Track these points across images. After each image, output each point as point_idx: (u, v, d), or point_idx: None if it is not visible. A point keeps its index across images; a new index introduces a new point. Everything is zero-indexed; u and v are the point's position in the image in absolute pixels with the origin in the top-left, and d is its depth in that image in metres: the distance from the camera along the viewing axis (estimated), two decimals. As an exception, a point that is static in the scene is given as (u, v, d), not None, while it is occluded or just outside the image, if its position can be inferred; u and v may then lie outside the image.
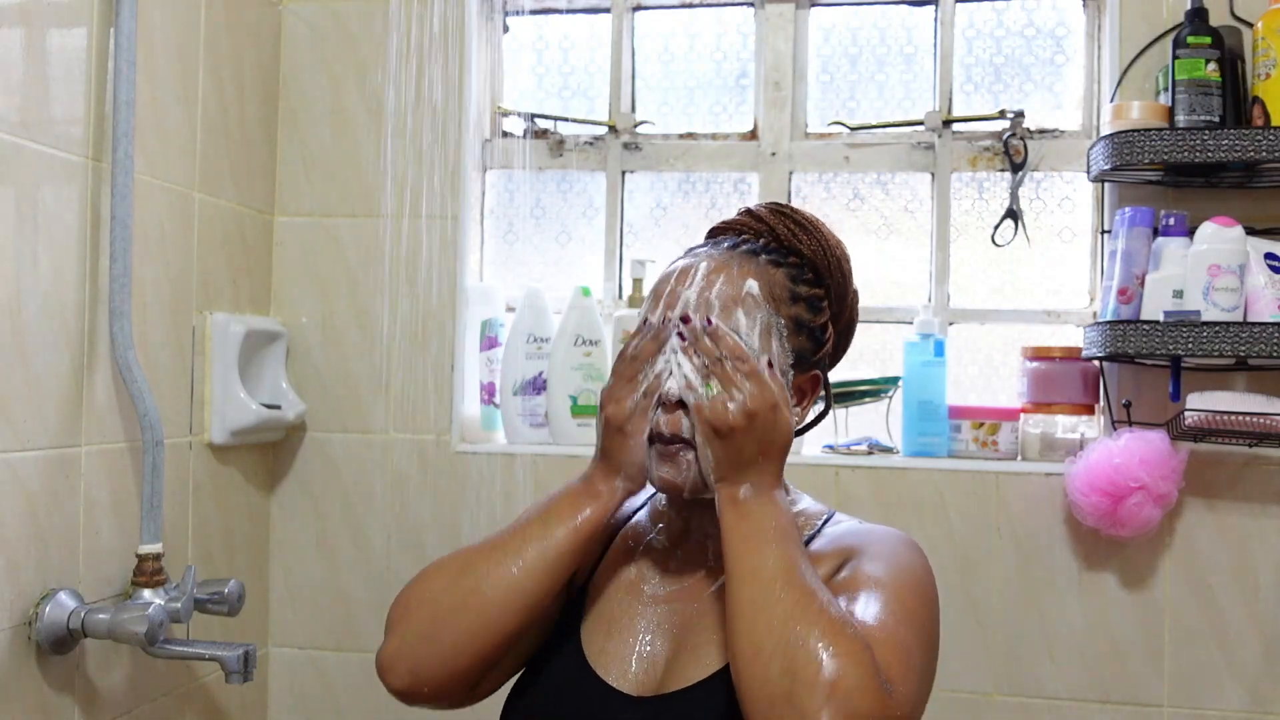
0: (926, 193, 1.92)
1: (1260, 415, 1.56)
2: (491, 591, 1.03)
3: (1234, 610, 1.69)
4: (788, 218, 1.12)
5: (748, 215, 1.14)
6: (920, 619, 0.98)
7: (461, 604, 1.03)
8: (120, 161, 1.43)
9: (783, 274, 1.08)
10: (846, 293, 1.14)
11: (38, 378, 1.35)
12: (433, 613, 1.04)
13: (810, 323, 1.08)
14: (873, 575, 0.99)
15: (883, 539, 1.06)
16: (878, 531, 1.08)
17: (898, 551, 1.04)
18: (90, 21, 1.42)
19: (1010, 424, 1.77)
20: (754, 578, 0.93)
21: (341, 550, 1.91)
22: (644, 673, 1.04)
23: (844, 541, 1.06)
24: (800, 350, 1.08)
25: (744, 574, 0.94)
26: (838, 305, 1.13)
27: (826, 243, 1.11)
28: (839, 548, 1.05)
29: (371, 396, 1.91)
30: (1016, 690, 1.73)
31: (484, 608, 1.02)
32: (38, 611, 1.35)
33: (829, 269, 1.11)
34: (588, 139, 1.99)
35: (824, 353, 1.11)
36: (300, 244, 1.93)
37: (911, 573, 1.02)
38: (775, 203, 1.15)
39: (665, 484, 1.05)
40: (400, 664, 1.05)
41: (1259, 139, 1.54)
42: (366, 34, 1.92)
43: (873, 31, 1.95)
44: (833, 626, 0.89)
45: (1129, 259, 1.64)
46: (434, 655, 1.04)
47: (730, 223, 1.15)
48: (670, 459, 1.04)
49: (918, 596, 1.00)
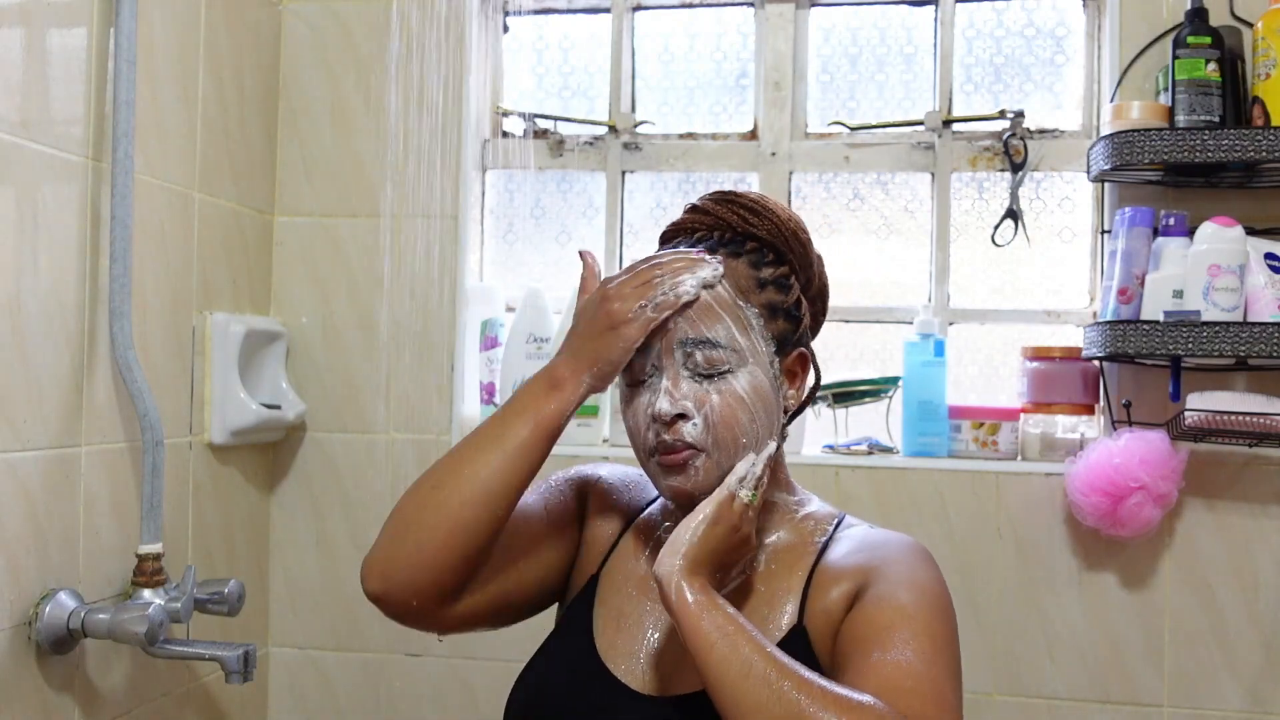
0: (926, 193, 1.92)
1: (1260, 415, 1.56)
2: (452, 486, 1.03)
3: (1234, 610, 1.69)
4: (735, 204, 1.11)
5: (695, 212, 1.13)
6: (949, 651, 0.97)
7: (424, 502, 1.04)
8: (120, 161, 1.43)
9: (744, 264, 1.07)
10: (810, 261, 1.13)
11: (38, 378, 1.35)
12: (401, 517, 1.05)
13: (783, 304, 1.08)
14: (897, 607, 0.97)
15: (899, 555, 1.04)
16: (892, 544, 1.06)
17: (916, 571, 1.02)
18: (90, 21, 1.42)
19: (1010, 424, 1.77)
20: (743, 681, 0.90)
21: (341, 550, 1.91)
22: (651, 670, 1.04)
23: (860, 559, 1.04)
24: (781, 334, 1.07)
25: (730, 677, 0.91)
26: (804, 276, 1.12)
27: (779, 218, 1.10)
28: (856, 566, 1.03)
29: (371, 396, 1.91)
30: (1016, 690, 1.73)
31: (446, 503, 1.03)
32: (38, 611, 1.35)
33: (788, 244, 1.10)
34: (588, 139, 1.99)
35: (804, 328, 1.11)
36: (300, 244, 1.93)
37: (934, 596, 1.00)
38: (719, 191, 1.14)
39: (677, 493, 1.05)
40: (373, 567, 1.05)
41: (1259, 139, 1.54)
42: (366, 34, 1.92)
43: (873, 31, 1.95)
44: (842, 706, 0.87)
45: (1129, 259, 1.64)
46: (401, 554, 1.04)
47: (679, 223, 1.15)
48: (679, 469, 1.03)
49: (942, 622, 0.98)
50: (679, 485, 1.04)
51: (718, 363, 1.03)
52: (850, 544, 1.07)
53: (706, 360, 1.03)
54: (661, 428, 1.03)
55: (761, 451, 1.04)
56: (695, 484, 1.03)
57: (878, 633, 0.95)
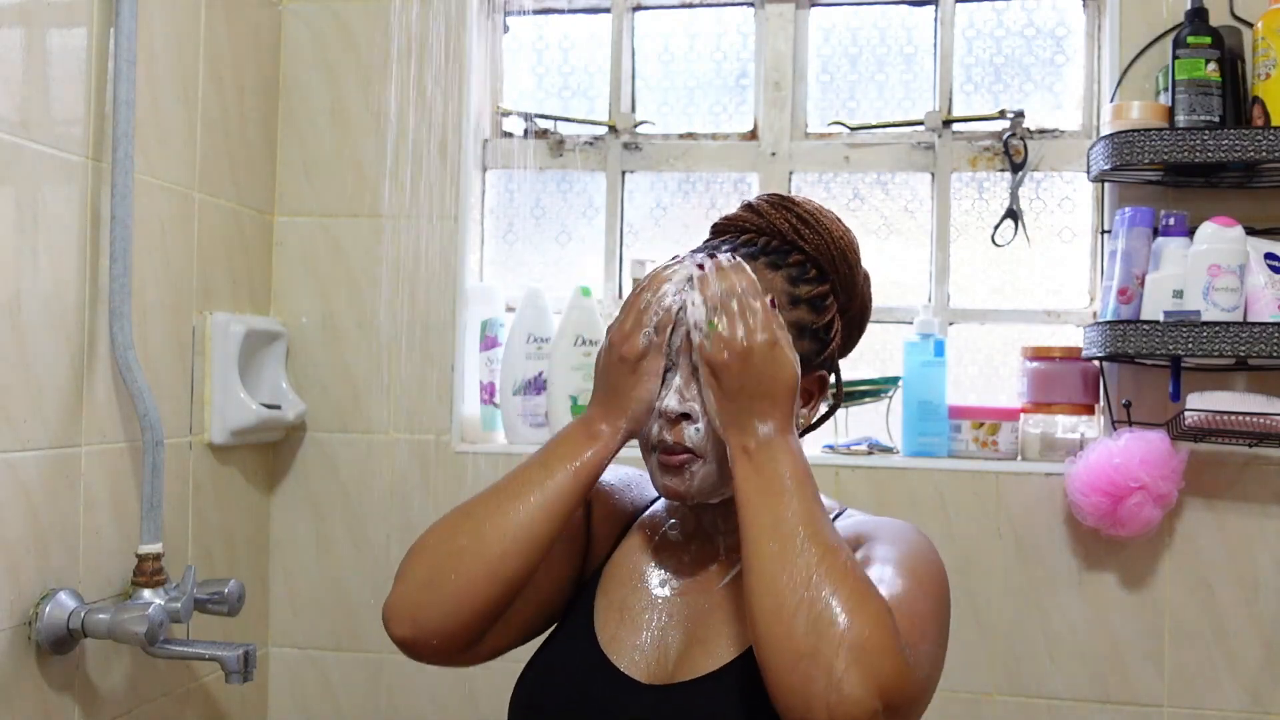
0: (926, 193, 1.92)
1: (1260, 415, 1.56)
2: (491, 536, 1.01)
3: (1234, 610, 1.69)
4: (790, 211, 1.09)
5: (749, 210, 1.12)
6: (934, 595, 0.99)
7: (462, 550, 1.02)
8: (120, 161, 1.43)
9: (781, 277, 1.06)
10: (855, 281, 1.11)
11: (38, 378, 1.35)
12: (434, 560, 1.03)
13: (813, 324, 1.07)
14: (887, 555, 1.00)
15: (894, 526, 1.07)
16: (888, 521, 1.09)
17: (910, 537, 1.05)
18: (90, 21, 1.42)
19: (1010, 424, 1.77)
20: (774, 532, 0.92)
21: (341, 550, 1.91)
22: (655, 661, 1.04)
23: (855, 530, 1.07)
24: (804, 354, 1.05)
25: (763, 528, 0.93)
26: (846, 296, 1.11)
27: (830, 234, 1.08)
28: (851, 535, 1.05)
29: (371, 396, 1.91)
30: (1016, 690, 1.73)
31: (483, 552, 1.01)
32: (38, 611, 1.35)
33: (834, 263, 1.08)
34: (588, 139, 1.99)
35: (830, 352, 1.10)
36: (300, 244, 1.93)
37: (925, 556, 1.03)
38: (778, 195, 1.12)
39: (670, 493, 1.05)
40: (403, 612, 1.03)
41: (1259, 139, 1.54)
42: (366, 34, 1.92)
43: (873, 31, 1.95)
44: (858, 586, 0.88)
45: (1129, 259, 1.64)
46: (435, 602, 1.02)
47: (731, 219, 1.13)
48: (675, 470, 1.03)
49: (932, 578, 1.00)
50: (673, 487, 1.04)
51: None
52: (847, 525, 1.08)
53: None
54: (665, 425, 1.03)
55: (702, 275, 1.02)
56: (688, 488, 1.03)
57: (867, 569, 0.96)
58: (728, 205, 1.96)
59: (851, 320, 1.14)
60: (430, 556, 1.03)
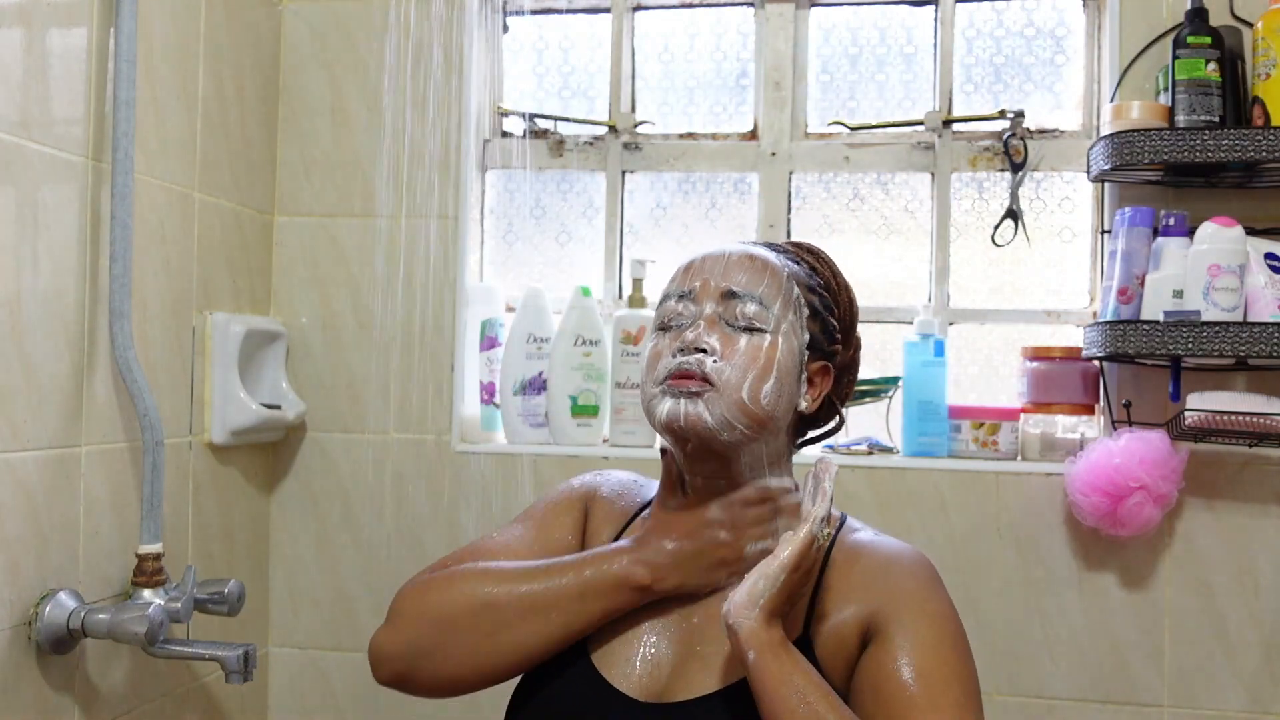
0: (926, 193, 1.92)
1: (1260, 415, 1.56)
2: (508, 643, 1.03)
3: (1234, 610, 1.69)
4: (802, 247, 1.17)
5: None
6: (973, 692, 0.97)
7: (475, 645, 1.03)
8: (120, 161, 1.43)
9: (802, 270, 1.11)
10: (852, 327, 1.16)
11: (38, 378, 1.35)
12: (440, 633, 1.04)
13: (824, 311, 1.10)
14: (921, 664, 0.96)
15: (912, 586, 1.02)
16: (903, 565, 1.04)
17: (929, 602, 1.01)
18: (90, 21, 1.42)
19: (1010, 424, 1.77)
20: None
21: (341, 550, 1.91)
22: (647, 676, 1.04)
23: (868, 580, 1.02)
24: (814, 335, 1.08)
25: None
26: (844, 336, 1.14)
27: (837, 275, 1.16)
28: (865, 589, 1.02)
29: (371, 396, 1.91)
30: (1016, 690, 1.73)
31: (496, 652, 1.03)
32: (38, 611, 1.35)
33: (837, 293, 1.14)
34: (588, 139, 1.99)
35: (835, 348, 1.12)
36: (300, 244, 1.93)
37: (951, 632, 0.99)
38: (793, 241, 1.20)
39: (669, 422, 1.02)
40: (394, 665, 1.06)
41: (1259, 139, 1.54)
42: (366, 34, 1.92)
43: (873, 31, 1.95)
44: None
45: (1129, 259, 1.64)
46: (430, 671, 1.05)
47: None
48: (685, 393, 1.01)
49: (963, 660, 0.98)
50: (675, 409, 1.01)
51: (755, 319, 1.03)
52: (856, 556, 1.05)
53: (744, 314, 1.03)
54: (683, 353, 1.02)
55: (830, 484, 1.00)
56: (689, 418, 1.01)
57: (912, 694, 0.94)
58: (728, 205, 1.96)
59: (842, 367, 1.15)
60: (437, 629, 1.04)
